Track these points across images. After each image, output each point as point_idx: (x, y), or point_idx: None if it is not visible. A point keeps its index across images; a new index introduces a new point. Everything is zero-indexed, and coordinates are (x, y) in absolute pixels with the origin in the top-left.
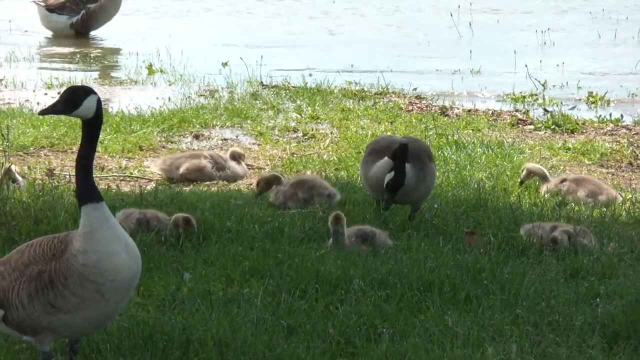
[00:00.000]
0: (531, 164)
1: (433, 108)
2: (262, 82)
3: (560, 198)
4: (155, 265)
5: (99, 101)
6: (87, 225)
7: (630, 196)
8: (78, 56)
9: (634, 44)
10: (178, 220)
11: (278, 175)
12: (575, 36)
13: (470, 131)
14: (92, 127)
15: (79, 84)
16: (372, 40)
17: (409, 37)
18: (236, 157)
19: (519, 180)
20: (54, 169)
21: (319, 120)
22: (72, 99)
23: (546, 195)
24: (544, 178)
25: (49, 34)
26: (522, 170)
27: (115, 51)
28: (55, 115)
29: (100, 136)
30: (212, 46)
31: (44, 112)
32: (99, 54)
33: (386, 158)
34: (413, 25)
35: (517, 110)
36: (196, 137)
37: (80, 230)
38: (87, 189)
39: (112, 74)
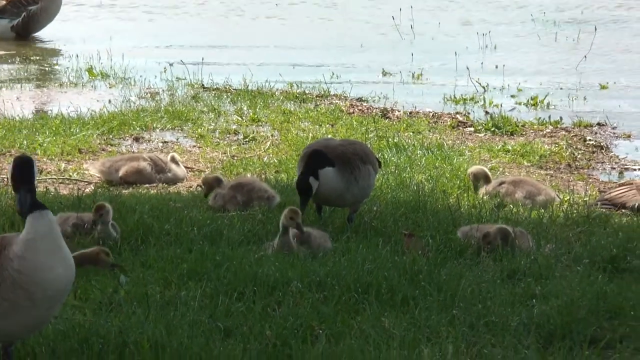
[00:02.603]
0: (473, 167)
1: (374, 110)
2: (203, 85)
3: (498, 200)
4: (92, 269)
5: None
6: (32, 232)
7: (569, 197)
8: (18, 59)
9: (574, 46)
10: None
11: (219, 177)
12: (516, 39)
13: (411, 133)
14: None
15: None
16: (314, 43)
17: (351, 39)
18: (176, 160)
19: (472, 188)
20: None
21: (260, 123)
22: None
23: (485, 197)
24: (486, 178)
25: None
26: (469, 176)
27: (56, 54)
28: None
29: (39, 139)
30: (153, 49)
31: None
32: (38, 57)
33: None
34: (355, 28)
35: (457, 113)
36: (136, 139)
37: (23, 236)
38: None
39: (52, 77)
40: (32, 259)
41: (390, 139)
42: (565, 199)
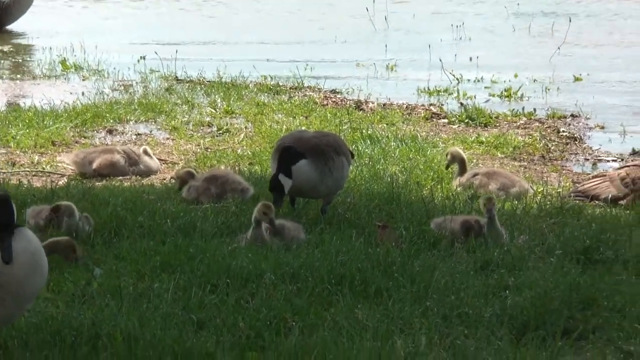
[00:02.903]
0: (455, 148)
1: (348, 102)
2: (176, 77)
3: (472, 191)
4: (65, 261)
5: None
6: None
7: (542, 189)
8: None
9: (548, 38)
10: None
11: (191, 171)
12: (490, 31)
13: (385, 125)
14: None
15: None
16: (288, 35)
17: (325, 30)
18: (148, 153)
19: (444, 165)
20: None
21: (234, 115)
22: None
23: (458, 189)
24: (462, 164)
25: None
26: (447, 155)
27: (29, 46)
28: None
29: (12, 131)
30: (127, 41)
31: None
32: (12, 49)
33: None
34: (329, 19)
35: (431, 105)
36: (110, 132)
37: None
38: None
39: (25, 69)
40: (8, 272)
41: (364, 131)
42: (539, 190)
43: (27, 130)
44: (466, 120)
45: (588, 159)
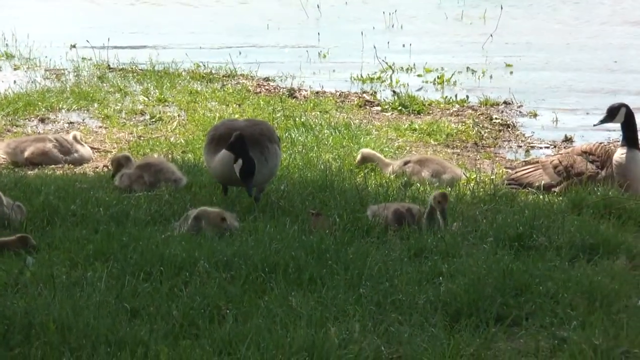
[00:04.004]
0: (366, 150)
1: (281, 90)
2: (109, 65)
3: (405, 179)
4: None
5: None
6: None
7: (475, 176)
8: None
9: (480, 25)
10: None
11: (128, 155)
12: (423, 18)
13: (318, 113)
14: None
15: None
16: (221, 23)
17: (258, 18)
18: (77, 139)
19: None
20: None
21: (167, 103)
22: None
23: (392, 177)
24: (381, 161)
25: None
26: (358, 155)
27: None
28: None
29: None
30: (59, 29)
31: None
32: None
33: (224, 150)
34: (261, 7)
35: (364, 92)
36: (42, 120)
37: None
38: None
39: None
40: None
41: (297, 119)
42: (472, 177)
43: None
44: (399, 108)
45: (521, 146)
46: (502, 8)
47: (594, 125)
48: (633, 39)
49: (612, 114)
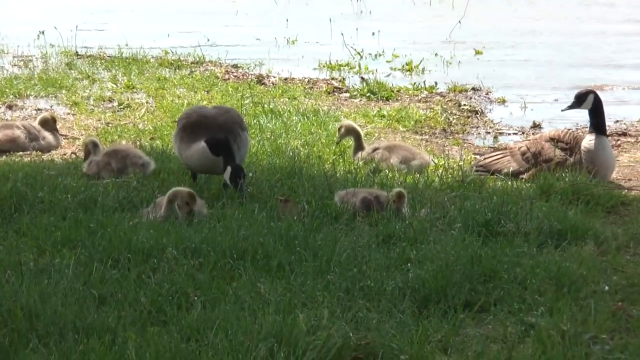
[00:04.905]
0: (349, 121)
1: (249, 77)
2: (77, 52)
3: (374, 165)
4: None
5: None
6: None
7: (444, 162)
8: None
9: (449, 12)
10: None
11: (95, 141)
12: (391, 4)
13: (287, 99)
14: None
15: None
16: (189, 10)
17: (225, 4)
18: (49, 122)
19: (336, 139)
20: None
21: (135, 90)
22: None
23: (360, 163)
24: (358, 138)
25: None
26: (340, 128)
27: None
28: None
29: None
30: (27, 16)
31: None
32: None
33: (203, 144)
34: None
35: (333, 79)
36: (9, 107)
37: None
38: None
39: None
40: None
41: (265, 105)
42: (440, 163)
43: None
44: (368, 94)
45: (489, 132)
46: None
47: (562, 111)
48: (604, 24)
49: (580, 100)
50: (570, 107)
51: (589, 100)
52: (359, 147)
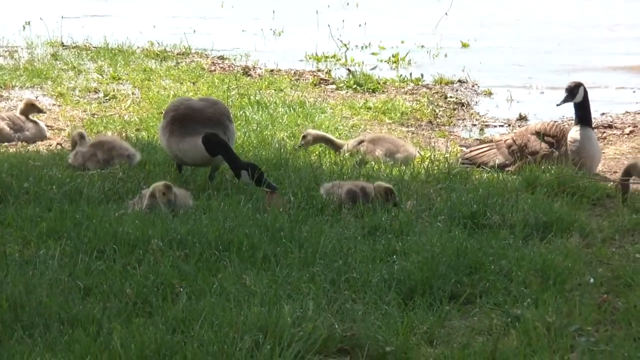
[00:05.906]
0: (315, 130)
1: (235, 68)
2: (62, 43)
3: (359, 157)
4: None
5: None
6: None
7: (430, 154)
8: None
9: (435, 3)
10: None
11: (82, 132)
12: None
13: (273, 91)
14: None
15: None
16: (174, 0)
17: None
18: (30, 109)
19: (298, 145)
20: None
21: (121, 81)
22: None
23: (346, 155)
24: (330, 143)
25: None
26: (306, 136)
27: None
28: None
29: None
30: (12, 6)
31: None
32: None
33: (200, 143)
34: None
35: (319, 70)
36: None
37: None
38: None
39: None
40: None
41: (252, 97)
42: (427, 155)
43: None
44: (354, 86)
45: (475, 125)
46: None
47: (557, 105)
48: (588, 17)
49: (572, 93)
50: (565, 100)
51: (580, 93)
52: (336, 147)
